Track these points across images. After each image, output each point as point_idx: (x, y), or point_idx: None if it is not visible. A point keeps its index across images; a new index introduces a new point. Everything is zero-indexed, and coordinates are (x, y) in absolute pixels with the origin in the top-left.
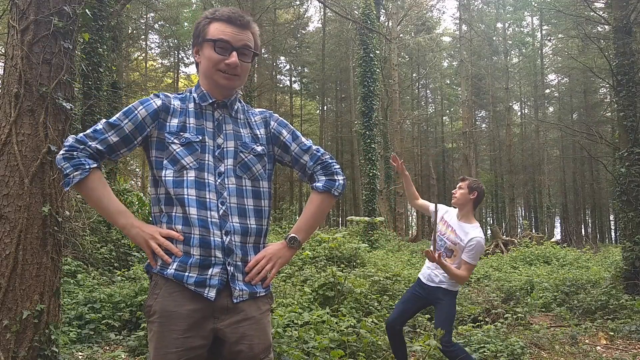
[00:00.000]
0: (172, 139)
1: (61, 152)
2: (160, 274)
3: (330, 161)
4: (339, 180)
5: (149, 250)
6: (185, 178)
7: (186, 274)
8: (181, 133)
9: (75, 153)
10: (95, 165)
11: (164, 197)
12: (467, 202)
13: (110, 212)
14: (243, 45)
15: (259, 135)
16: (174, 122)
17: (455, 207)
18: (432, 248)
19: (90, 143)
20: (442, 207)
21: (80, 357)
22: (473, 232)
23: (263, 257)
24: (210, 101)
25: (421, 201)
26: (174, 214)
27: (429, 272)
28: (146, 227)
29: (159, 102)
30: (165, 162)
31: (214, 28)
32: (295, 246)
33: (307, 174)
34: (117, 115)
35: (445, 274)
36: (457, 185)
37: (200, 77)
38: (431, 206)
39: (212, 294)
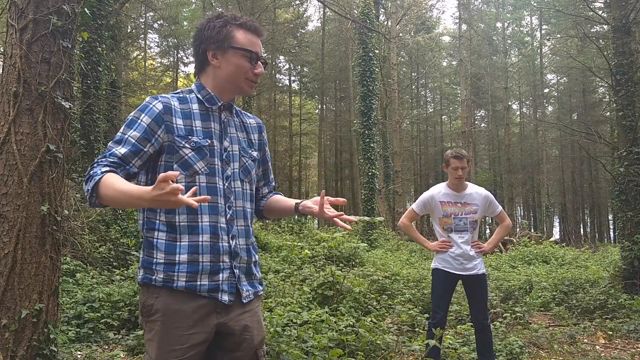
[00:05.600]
0: (183, 142)
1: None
2: (168, 286)
3: None
4: None
5: (163, 199)
6: (197, 184)
7: (198, 282)
8: (190, 137)
9: (91, 172)
10: (107, 169)
11: None
12: (466, 174)
13: (128, 202)
14: (262, 56)
15: (253, 141)
16: (180, 123)
17: (456, 183)
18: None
19: (101, 160)
20: (429, 198)
21: (79, 356)
22: (477, 190)
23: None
24: (219, 104)
25: (414, 221)
26: (178, 222)
27: (461, 267)
28: (154, 191)
29: (159, 105)
30: (175, 166)
31: (242, 36)
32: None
33: (270, 187)
34: (120, 129)
35: (477, 256)
36: (455, 166)
37: (213, 80)
38: (424, 207)
39: (225, 297)
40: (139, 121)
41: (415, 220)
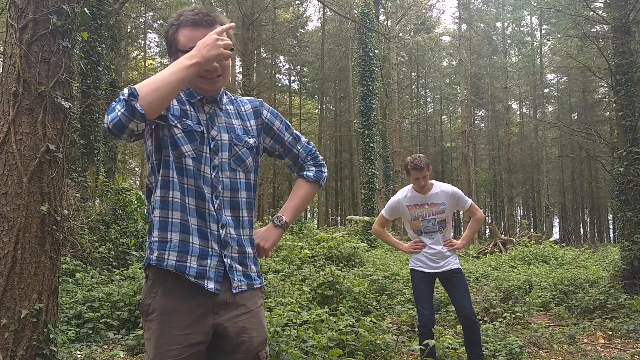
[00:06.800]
0: (175, 122)
1: (109, 118)
2: (159, 265)
3: (317, 154)
4: (325, 172)
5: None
6: (184, 166)
7: (187, 264)
8: (184, 119)
9: (115, 103)
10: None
11: (163, 180)
12: (428, 180)
13: (176, 73)
14: None
15: (250, 127)
16: (175, 104)
17: (418, 191)
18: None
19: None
20: (396, 203)
21: (78, 356)
22: (443, 188)
23: (257, 239)
24: (199, 98)
25: (385, 226)
26: (171, 198)
27: (437, 265)
28: (202, 43)
29: None
30: (168, 142)
31: (182, 36)
32: (281, 224)
33: (298, 163)
34: None
35: (451, 253)
36: (416, 177)
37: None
38: (393, 212)
39: (211, 285)
40: None
41: (388, 225)
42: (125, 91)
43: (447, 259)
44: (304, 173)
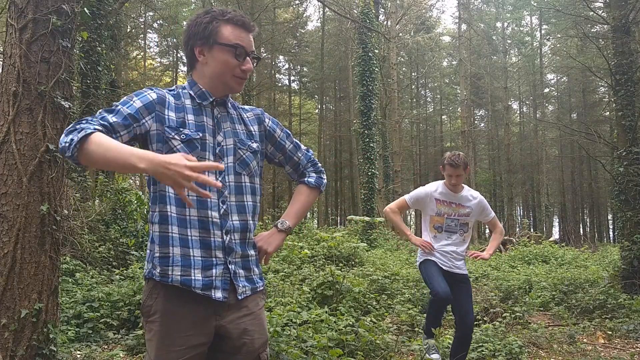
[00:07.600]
0: (173, 134)
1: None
2: (164, 282)
3: (317, 161)
4: (324, 178)
5: (180, 188)
6: None
7: (192, 277)
8: (181, 129)
9: (78, 126)
10: (100, 129)
11: (159, 195)
12: (462, 181)
13: (123, 158)
14: (253, 51)
15: (253, 132)
16: (172, 115)
17: (451, 189)
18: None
19: (92, 120)
20: (425, 195)
21: (78, 355)
22: (472, 193)
23: (260, 242)
24: (211, 100)
25: (400, 213)
26: (169, 213)
27: (450, 264)
28: (168, 158)
29: (153, 95)
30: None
31: (228, 32)
32: (284, 229)
33: (299, 170)
34: (113, 104)
35: (462, 257)
36: (449, 174)
37: (203, 77)
38: (416, 202)
39: (219, 294)
40: (132, 102)
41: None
42: (79, 135)
43: (461, 262)
44: (305, 179)
